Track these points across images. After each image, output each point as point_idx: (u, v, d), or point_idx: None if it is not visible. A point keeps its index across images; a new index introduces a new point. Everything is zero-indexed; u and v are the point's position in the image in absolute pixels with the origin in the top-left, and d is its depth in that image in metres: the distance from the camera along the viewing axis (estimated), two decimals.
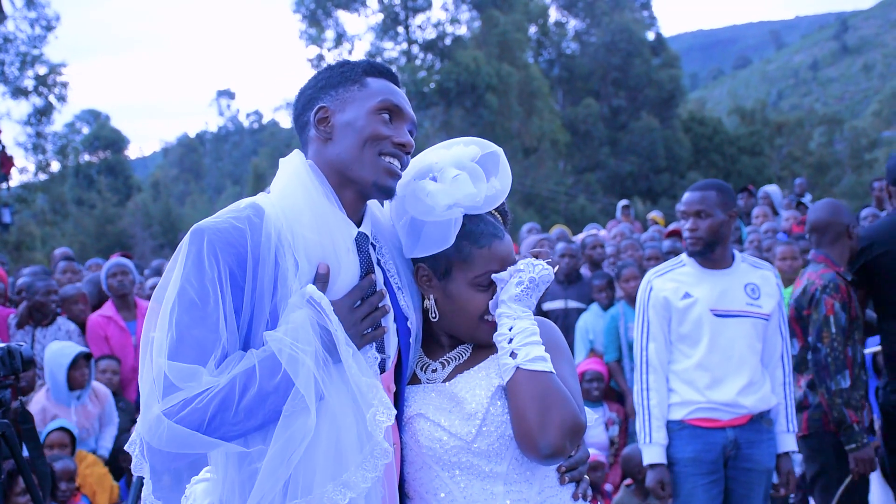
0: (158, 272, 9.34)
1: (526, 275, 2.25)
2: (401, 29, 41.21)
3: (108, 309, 7.05)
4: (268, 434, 2.01)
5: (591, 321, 7.44)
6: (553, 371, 2.20)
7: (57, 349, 6.00)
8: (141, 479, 4.28)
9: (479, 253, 2.26)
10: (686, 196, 4.42)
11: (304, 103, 2.26)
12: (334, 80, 2.23)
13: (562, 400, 2.17)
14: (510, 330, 2.21)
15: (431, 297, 2.31)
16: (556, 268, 2.42)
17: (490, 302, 2.28)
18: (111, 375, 6.56)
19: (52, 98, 34.72)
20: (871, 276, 4.79)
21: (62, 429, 5.63)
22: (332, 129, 2.19)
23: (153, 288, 7.63)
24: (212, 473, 2.17)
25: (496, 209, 2.39)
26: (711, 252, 4.35)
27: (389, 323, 2.24)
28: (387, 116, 2.20)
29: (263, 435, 2.02)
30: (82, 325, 7.00)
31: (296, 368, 1.98)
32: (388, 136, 2.18)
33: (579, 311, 7.63)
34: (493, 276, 2.27)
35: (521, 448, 2.19)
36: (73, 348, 6.01)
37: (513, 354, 2.19)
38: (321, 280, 2.10)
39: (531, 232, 9.64)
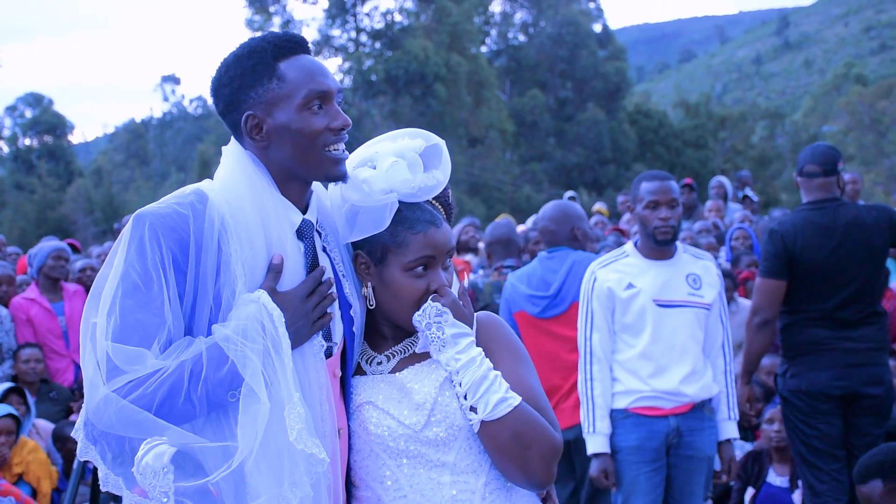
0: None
1: (422, 323, 2.24)
2: (349, 16, 40.94)
3: (31, 291, 6.95)
4: (219, 422, 2.01)
5: None
6: (518, 401, 2.20)
7: None
8: (81, 464, 4.24)
9: (414, 239, 2.25)
10: (653, 185, 4.40)
11: (226, 104, 2.17)
12: (248, 78, 2.14)
13: (535, 432, 2.18)
14: (460, 386, 2.21)
15: (369, 284, 2.31)
16: (465, 282, 2.43)
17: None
18: (34, 364, 6.39)
19: None
20: (795, 268, 4.72)
21: (10, 415, 5.50)
22: (267, 136, 2.14)
23: (81, 271, 7.55)
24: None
25: (440, 202, 2.39)
26: (675, 242, 4.41)
27: (335, 310, 2.24)
28: (317, 105, 2.15)
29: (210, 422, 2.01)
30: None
31: (244, 363, 1.97)
32: (325, 126, 2.14)
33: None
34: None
35: (513, 483, 2.26)
36: None
37: (473, 409, 2.20)
38: (274, 270, 2.10)
39: (471, 226, 9.51)
